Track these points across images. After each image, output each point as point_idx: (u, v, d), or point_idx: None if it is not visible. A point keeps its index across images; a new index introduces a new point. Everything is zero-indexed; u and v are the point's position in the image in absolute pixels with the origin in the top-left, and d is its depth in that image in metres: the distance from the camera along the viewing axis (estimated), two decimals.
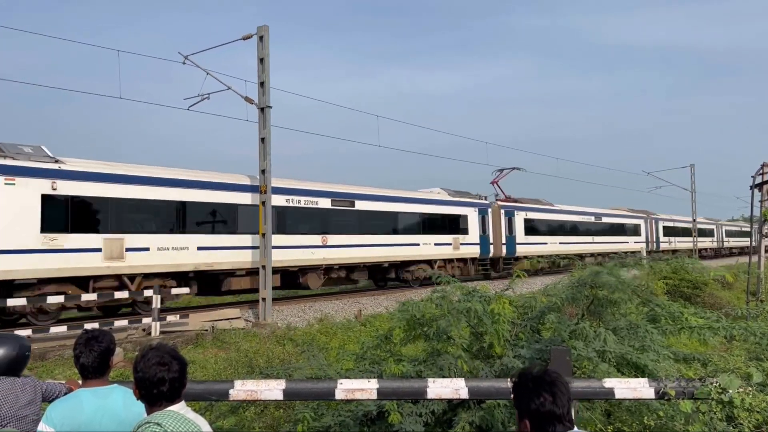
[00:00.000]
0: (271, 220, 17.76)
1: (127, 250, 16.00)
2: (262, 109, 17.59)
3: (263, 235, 17.53)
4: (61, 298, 14.18)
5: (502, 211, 31.20)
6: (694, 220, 52.14)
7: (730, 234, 68.35)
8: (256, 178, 18.44)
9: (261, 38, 17.44)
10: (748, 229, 68.36)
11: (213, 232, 18.03)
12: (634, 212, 46.38)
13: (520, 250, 32.00)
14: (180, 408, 2.65)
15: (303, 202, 21.02)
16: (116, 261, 15.77)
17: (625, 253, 39.52)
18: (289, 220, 20.32)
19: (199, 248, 17.52)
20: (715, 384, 4.42)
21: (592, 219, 39.48)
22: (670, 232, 51.01)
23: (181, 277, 17.45)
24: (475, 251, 28.98)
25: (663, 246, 48.64)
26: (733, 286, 22.88)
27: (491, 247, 30.35)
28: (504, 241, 31.02)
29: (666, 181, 49.03)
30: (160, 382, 2.61)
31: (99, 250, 15.45)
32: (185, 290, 16.84)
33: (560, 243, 35.30)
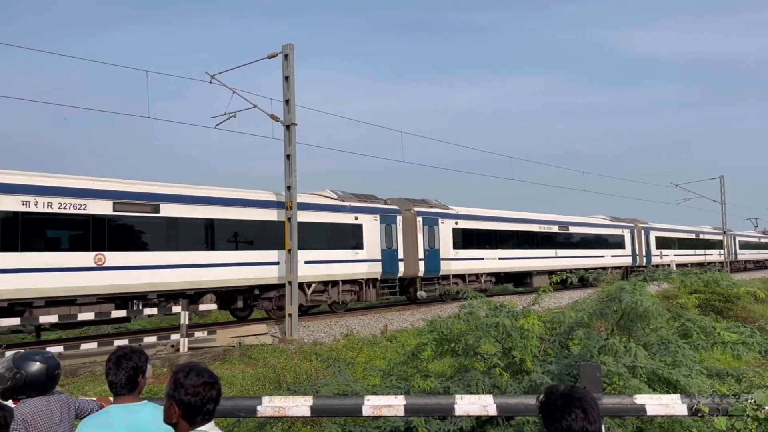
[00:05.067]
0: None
1: None
2: (287, 127, 17.77)
3: (289, 251, 17.63)
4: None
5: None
6: (724, 232, 51.26)
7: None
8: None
9: (286, 57, 17.67)
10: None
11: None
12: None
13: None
14: (210, 427, 2.67)
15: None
16: None
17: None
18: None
19: None
20: (750, 400, 4.33)
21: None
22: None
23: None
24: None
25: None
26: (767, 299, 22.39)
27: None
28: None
29: (695, 193, 48.33)
30: (209, 401, 2.64)
31: None
32: (213, 306, 16.98)
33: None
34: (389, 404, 4.51)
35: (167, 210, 16.55)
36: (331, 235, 21.16)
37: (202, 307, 16.40)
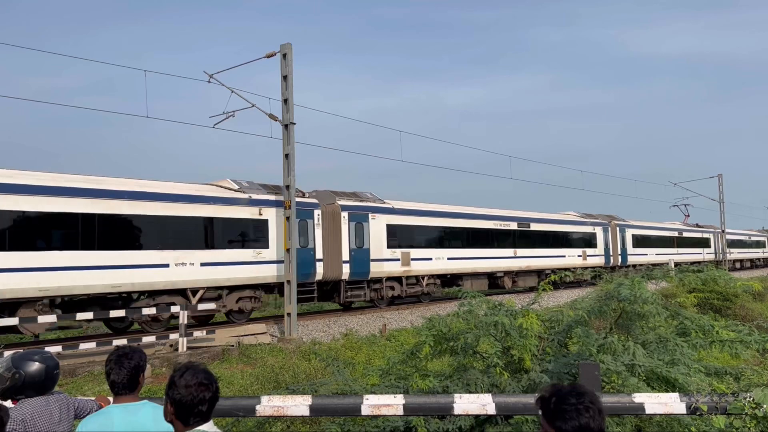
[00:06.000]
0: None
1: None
2: (286, 126, 17.76)
3: (287, 250, 17.63)
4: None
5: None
6: (723, 231, 51.27)
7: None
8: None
9: (284, 56, 17.65)
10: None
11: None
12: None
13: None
14: (208, 427, 2.67)
15: None
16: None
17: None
18: None
19: None
20: (748, 399, 4.34)
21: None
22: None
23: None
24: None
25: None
26: (765, 297, 22.44)
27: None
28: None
29: (693, 192, 48.36)
30: (201, 402, 2.63)
31: None
32: (211, 305, 16.95)
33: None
34: (388, 403, 4.51)
35: None
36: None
37: (201, 306, 16.38)
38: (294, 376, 11.29)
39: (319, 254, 20.42)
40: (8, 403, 3.20)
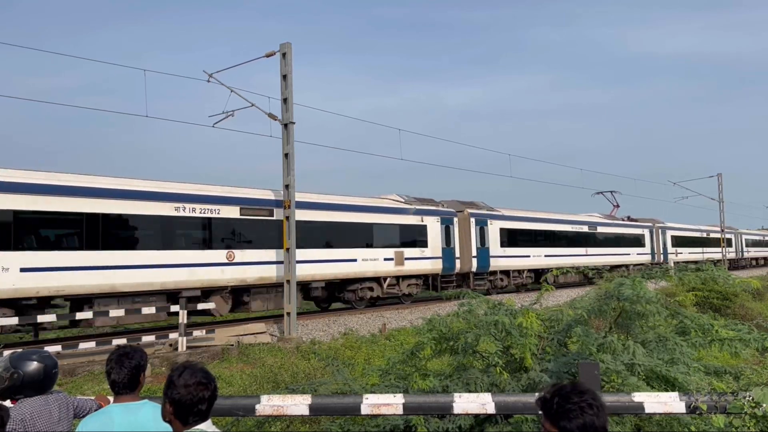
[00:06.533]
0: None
1: None
2: (285, 125, 17.75)
3: (287, 249, 17.63)
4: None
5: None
6: (723, 230, 51.28)
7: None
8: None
9: (284, 55, 17.63)
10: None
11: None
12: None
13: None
14: (207, 426, 2.67)
15: None
16: None
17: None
18: None
19: None
20: (748, 398, 4.34)
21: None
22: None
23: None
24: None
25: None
26: (765, 296, 22.45)
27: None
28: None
29: (693, 191, 48.38)
30: (200, 401, 2.64)
31: None
32: (211, 305, 16.96)
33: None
34: (388, 403, 4.51)
35: None
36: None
37: (200, 306, 16.37)
38: (293, 375, 11.30)
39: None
40: (7, 403, 3.20)
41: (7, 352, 3.62)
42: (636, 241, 40.17)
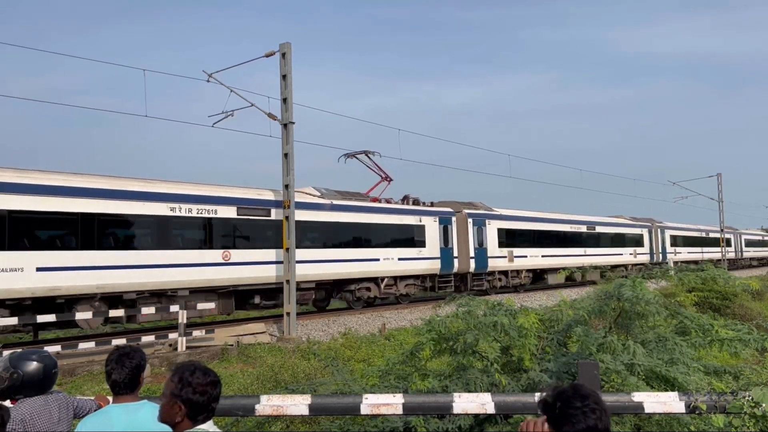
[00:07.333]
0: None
1: None
2: (285, 125, 17.75)
3: (287, 249, 17.62)
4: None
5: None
6: (722, 230, 51.28)
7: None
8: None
9: (283, 55, 17.63)
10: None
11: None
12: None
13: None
14: (209, 426, 2.67)
15: None
16: None
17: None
18: None
19: None
20: (748, 398, 4.34)
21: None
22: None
23: None
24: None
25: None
26: (764, 296, 22.45)
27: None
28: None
29: (692, 191, 48.39)
30: (214, 400, 2.67)
31: None
32: (210, 305, 16.95)
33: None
34: (387, 403, 4.51)
35: None
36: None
37: (200, 306, 16.38)
38: (293, 375, 11.29)
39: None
40: (7, 403, 3.20)
41: (6, 352, 3.62)
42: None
